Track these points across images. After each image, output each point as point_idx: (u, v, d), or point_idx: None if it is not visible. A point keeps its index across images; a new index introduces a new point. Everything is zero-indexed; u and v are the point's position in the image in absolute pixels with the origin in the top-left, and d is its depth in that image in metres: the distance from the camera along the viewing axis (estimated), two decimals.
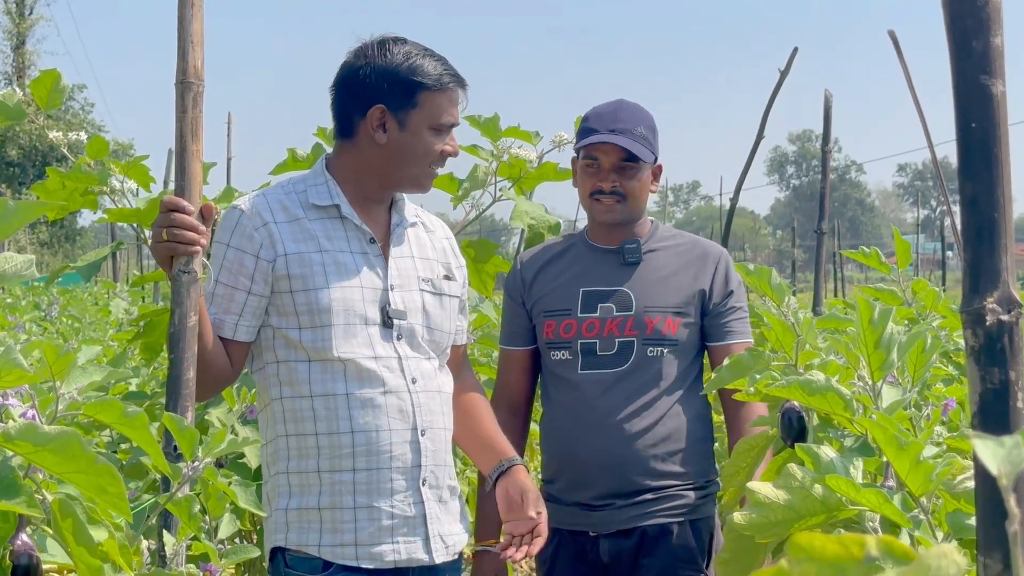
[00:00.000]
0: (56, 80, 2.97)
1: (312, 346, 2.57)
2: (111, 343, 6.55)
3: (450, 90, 2.67)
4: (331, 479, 2.57)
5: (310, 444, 2.59)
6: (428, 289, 2.73)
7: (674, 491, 3.06)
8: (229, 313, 2.60)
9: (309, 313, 2.57)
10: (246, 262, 2.59)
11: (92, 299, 15.13)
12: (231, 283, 2.60)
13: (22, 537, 1.58)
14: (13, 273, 1.38)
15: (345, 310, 2.58)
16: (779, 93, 5.25)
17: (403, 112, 2.64)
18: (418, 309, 2.69)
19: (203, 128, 2.41)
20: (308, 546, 2.58)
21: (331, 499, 2.57)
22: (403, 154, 2.65)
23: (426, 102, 2.64)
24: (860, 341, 1.78)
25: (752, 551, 1.94)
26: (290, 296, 2.58)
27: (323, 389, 2.58)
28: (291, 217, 2.63)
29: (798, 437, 2.05)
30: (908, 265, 3.48)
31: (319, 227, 2.64)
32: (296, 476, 2.60)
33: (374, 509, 2.57)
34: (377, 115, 2.64)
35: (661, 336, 3.07)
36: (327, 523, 2.57)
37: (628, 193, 3.10)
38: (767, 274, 2.21)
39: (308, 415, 2.59)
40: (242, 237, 2.60)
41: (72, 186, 3.40)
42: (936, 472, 1.46)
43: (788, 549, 0.66)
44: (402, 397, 2.60)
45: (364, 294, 2.61)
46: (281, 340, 2.61)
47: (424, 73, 2.64)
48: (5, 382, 1.41)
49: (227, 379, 2.65)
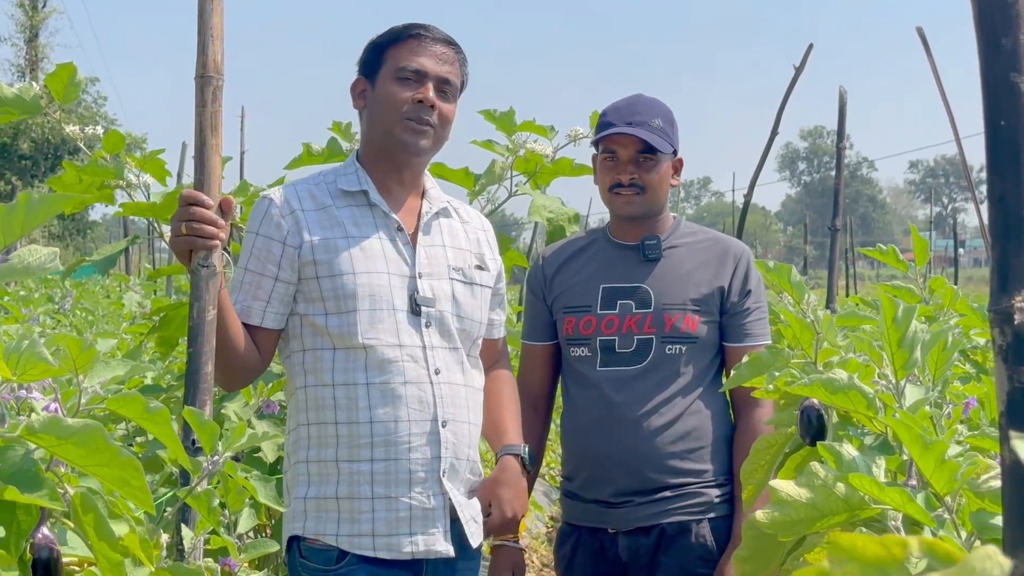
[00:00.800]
0: (72, 74, 2.98)
1: (338, 332, 2.58)
2: (125, 336, 6.55)
3: (412, 39, 2.67)
4: (349, 469, 2.58)
5: (329, 433, 2.59)
6: (459, 278, 2.73)
7: (693, 489, 3.06)
8: (257, 300, 2.61)
9: (335, 299, 2.58)
10: (273, 249, 2.60)
11: (104, 292, 15.15)
12: (259, 270, 2.61)
13: (43, 530, 1.58)
14: (38, 266, 1.38)
15: (371, 295, 2.58)
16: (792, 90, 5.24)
17: (374, 75, 2.69)
18: (448, 297, 2.69)
19: (222, 122, 2.41)
20: (325, 535, 2.58)
21: (349, 489, 2.58)
22: (375, 112, 2.69)
23: (389, 56, 2.67)
24: (884, 339, 1.77)
25: (770, 549, 1.93)
26: (316, 282, 2.59)
27: (345, 378, 2.58)
28: (319, 205, 2.65)
29: (817, 435, 2.04)
30: (925, 263, 3.46)
31: (347, 214, 2.66)
32: (315, 465, 2.61)
33: (392, 500, 2.57)
34: (359, 86, 2.72)
35: (680, 333, 3.06)
36: (344, 513, 2.58)
37: (647, 185, 3.09)
38: (787, 271, 2.20)
39: (329, 404, 2.59)
40: (270, 225, 2.62)
41: (89, 180, 3.41)
42: (961, 471, 1.45)
43: (829, 550, 0.65)
44: (423, 388, 2.60)
45: (391, 280, 2.62)
46: (308, 327, 2.62)
47: (391, 33, 2.70)
48: (30, 375, 1.41)
49: (256, 368, 2.66)
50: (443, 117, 2.68)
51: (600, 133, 3.11)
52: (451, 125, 2.73)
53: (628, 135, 3.05)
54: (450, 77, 2.68)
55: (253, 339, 2.62)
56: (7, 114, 2.93)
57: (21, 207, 1.31)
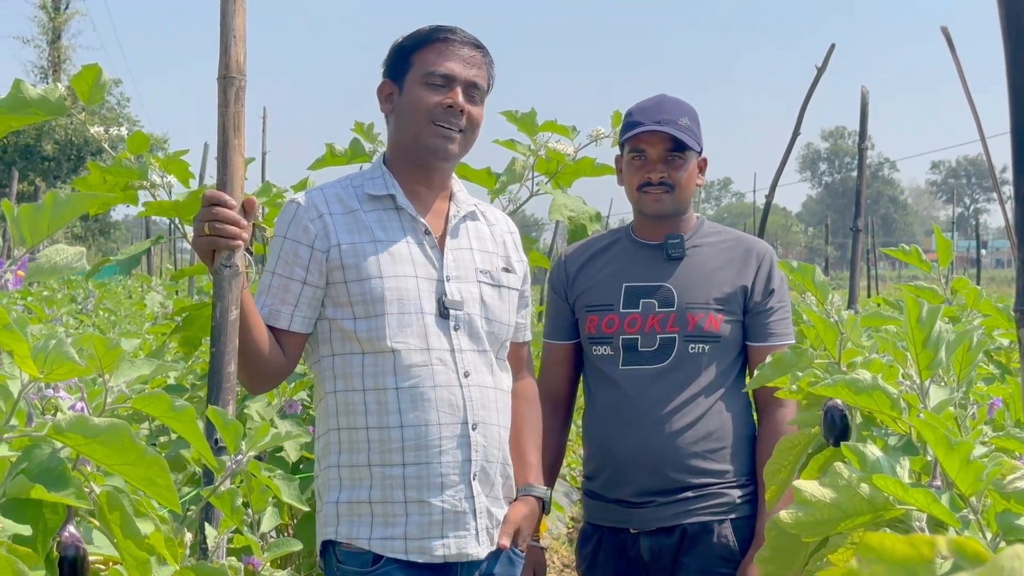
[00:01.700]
0: (97, 75, 2.98)
1: (367, 336, 2.58)
2: (147, 336, 6.57)
3: (440, 42, 2.66)
4: (381, 473, 2.58)
5: (361, 438, 2.60)
6: (486, 280, 2.73)
7: (715, 489, 3.05)
8: (285, 304, 2.61)
9: (363, 303, 2.58)
10: (301, 252, 2.61)
11: (126, 292, 15.20)
12: (287, 274, 2.61)
13: (69, 529, 1.59)
14: (65, 265, 1.39)
15: (399, 299, 2.59)
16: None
17: (401, 79, 2.68)
18: (476, 300, 2.69)
19: (245, 122, 2.42)
20: (359, 539, 2.59)
21: (382, 493, 2.58)
22: (404, 116, 2.68)
23: (417, 60, 2.66)
24: (908, 339, 1.76)
25: (793, 549, 1.93)
26: (344, 286, 2.59)
27: (374, 383, 2.59)
28: (347, 209, 2.65)
29: (841, 436, 2.04)
30: (949, 263, 3.45)
31: (374, 218, 2.66)
32: (347, 470, 2.61)
33: (424, 504, 2.58)
34: (386, 89, 2.71)
35: (703, 332, 3.06)
36: (378, 516, 2.58)
37: (676, 183, 3.09)
38: (810, 271, 2.19)
39: (360, 409, 2.60)
40: (298, 229, 2.62)
41: (113, 181, 3.42)
42: (986, 472, 1.45)
43: (858, 549, 0.65)
44: (452, 391, 2.60)
45: (419, 284, 2.62)
46: (337, 332, 2.62)
47: (417, 35, 2.68)
48: (57, 374, 1.42)
49: (281, 371, 2.66)
50: (472, 121, 2.68)
51: (628, 132, 3.10)
52: (479, 128, 2.72)
53: (657, 133, 3.05)
54: (478, 80, 2.67)
55: (280, 342, 2.62)
56: (32, 115, 2.94)
57: (47, 207, 1.31)
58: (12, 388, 1.50)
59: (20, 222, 1.30)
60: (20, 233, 1.30)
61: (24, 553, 1.42)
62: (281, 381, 2.74)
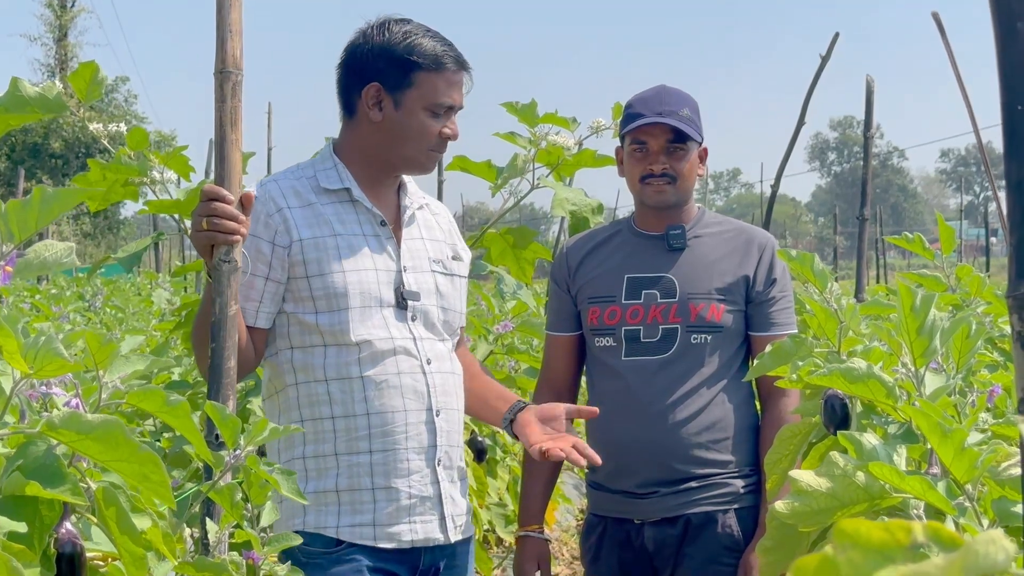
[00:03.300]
0: (95, 72, 2.98)
1: (329, 330, 2.60)
2: (154, 333, 6.59)
3: (448, 71, 2.67)
4: (348, 461, 2.61)
5: (326, 428, 2.62)
6: (439, 270, 2.77)
7: (719, 479, 3.05)
8: (249, 300, 2.62)
9: (326, 297, 2.60)
10: (263, 248, 2.61)
11: (135, 289, 15.24)
12: (250, 270, 2.61)
13: (66, 525, 1.59)
14: (54, 260, 1.39)
15: (361, 293, 2.61)
16: (820, 79, 5.21)
17: (398, 91, 2.66)
18: (431, 291, 2.73)
19: (242, 117, 2.41)
20: (326, 528, 2.61)
21: (349, 481, 2.61)
22: (398, 134, 2.68)
23: (422, 82, 2.66)
24: (902, 328, 1.76)
25: (795, 539, 1.93)
26: (306, 281, 2.61)
27: (338, 373, 2.61)
28: (304, 202, 2.66)
29: (841, 424, 2.03)
30: (952, 251, 3.44)
31: (331, 211, 2.67)
32: (313, 460, 2.63)
33: (392, 490, 2.61)
34: (373, 93, 2.68)
35: (705, 323, 3.06)
36: (345, 504, 2.61)
37: (678, 174, 3.09)
38: (810, 260, 2.19)
39: (324, 399, 2.62)
40: (257, 223, 2.61)
41: (113, 177, 3.42)
42: (981, 459, 1.44)
43: (833, 535, 0.65)
44: (417, 378, 2.64)
45: (379, 276, 2.65)
46: (296, 326, 2.64)
47: (421, 53, 2.66)
48: (46, 372, 1.42)
49: (253, 366, 2.70)
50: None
51: (629, 124, 3.10)
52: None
53: (659, 124, 3.05)
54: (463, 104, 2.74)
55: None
56: (31, 113, 2.94)
57: (35, 202, 1.31)
58: (4, 385, 1.50)
59: (8, 217, 1.30)
60: (8, 229, 1.30)
61: (19, 550, 1.42)
62: (247, 375, 2.78)
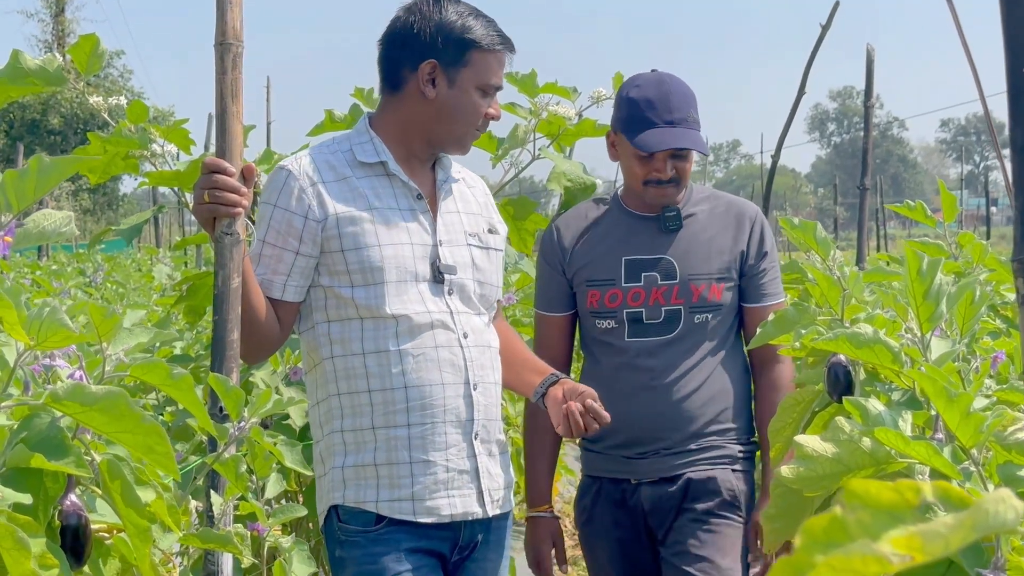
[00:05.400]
0: (95, 44, 2.97)
1: (365, 304, 2.58)
2: (155, 307, 6.59)
3: (499, 52, 2.69)
4: (386, 435, 2.59)
5: (363, 401, 2.60)
6: (475, 243, 2.74)
7: (718, 442, 3.07)
8: (277, 274, 2.60)
9: (361, 272, 2.58)
10: (295, 223, 2.59)
11: (136, 265, 15.23)
12: (279, 244, 2.60)
13: (71, 497, 1.59)
14: (53, 230, 1.38)
15: (397, 267, 2.59)
16: (820, 49, 5.19)
17: (453, 69, 2.65)
18: (468, 264, 2.70)
19: (243, 89, 2.40)
20: (366, 502, 2.59)
21: (387, 455, 2.59)
22: (450, 111, 2.67)
23: (476, 61, 2.66)
24: (908, 292, 1.75)
25: (799, 506, 1.92)
26: (341, 255, 2.59)
27: (375, 346, 2.59)
28: (339, 176, 2.64)
29: (845, 392, 2.03)
30: (954, 219, 3.43)
31: (367, 185, 2.65)
32: (351, 434, 2.62)
33: (430, 463, 2.59)
34: (428, 69, 2.65)
35: (707, 303, 3.08)
36: (384, 478, 2.59)
37: (683, 175, 3.08)
38: (812, 228, 2.18)
39: (360, 372, 2.60)
40: (290, 198, 2.59)
41: (113, 150, 3.41)
42: (987, 424, 1.44)
43: (842, 496, 0.65)
44: (454, 352, 2.62)
45: (414, 251, 2.63)
46: (332, 299, 2.62)
47: (477, 33, 2.66)
48: (51, 342, 1.41)
49: (277, 341, 2.67)
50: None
51: (638, 132, 3.02)
52: None
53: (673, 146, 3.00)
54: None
55: (274, 311, 2.62)
56: (31, 85, 2.93)
57: (33, 171, 1.30)
58: (8, 357, 1.50)
59: (5, 188, 1.29)
60: (6, 199, 1.29)
61: (24, 522, 1.43)
62: (276, 350, 2.75)
